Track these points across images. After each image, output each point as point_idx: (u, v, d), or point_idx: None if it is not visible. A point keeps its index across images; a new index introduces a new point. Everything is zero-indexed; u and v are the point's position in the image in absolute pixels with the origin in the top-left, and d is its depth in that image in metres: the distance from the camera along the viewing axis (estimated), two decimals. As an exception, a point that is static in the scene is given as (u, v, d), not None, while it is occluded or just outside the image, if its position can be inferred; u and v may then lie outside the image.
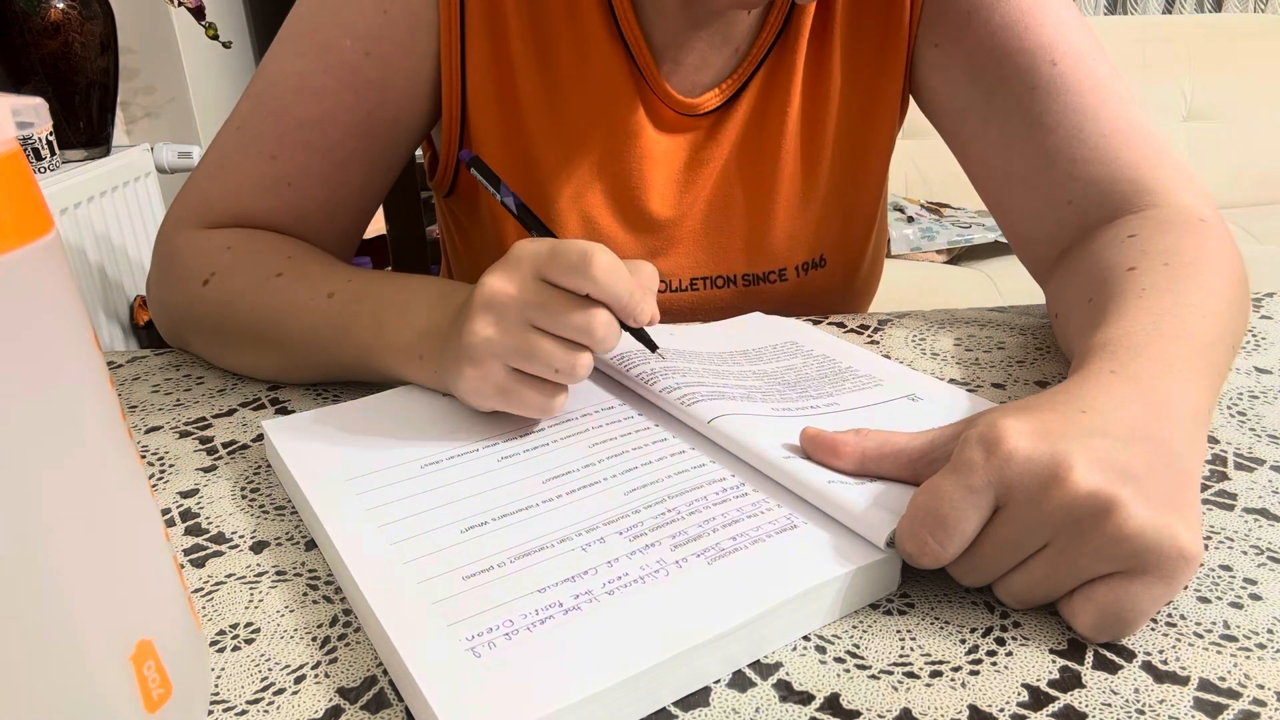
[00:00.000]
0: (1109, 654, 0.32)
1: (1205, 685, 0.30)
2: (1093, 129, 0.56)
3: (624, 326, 0.43)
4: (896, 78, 0.64)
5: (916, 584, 0.36)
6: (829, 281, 0.69)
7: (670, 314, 0.67)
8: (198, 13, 1.65)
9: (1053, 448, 0.31)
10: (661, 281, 0.66)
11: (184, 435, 0.49)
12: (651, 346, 0.47)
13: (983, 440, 0.32)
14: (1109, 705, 0.30)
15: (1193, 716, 0.29)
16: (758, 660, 0.32)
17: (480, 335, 0.42)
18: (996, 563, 0.33)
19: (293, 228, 0.60)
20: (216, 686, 0.32)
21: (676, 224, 0.66)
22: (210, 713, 0.31)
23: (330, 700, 0.31)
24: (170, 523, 0.41)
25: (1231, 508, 0.40)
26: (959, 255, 2.02)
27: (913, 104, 0.68)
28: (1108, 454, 0.31)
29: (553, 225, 0.64)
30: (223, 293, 0.54)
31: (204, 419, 0.51)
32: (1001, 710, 0.30)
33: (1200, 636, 0.32)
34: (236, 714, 0.31)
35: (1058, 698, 0.30)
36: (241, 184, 0.59)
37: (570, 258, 0.41)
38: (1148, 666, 0.31)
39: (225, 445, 0.48)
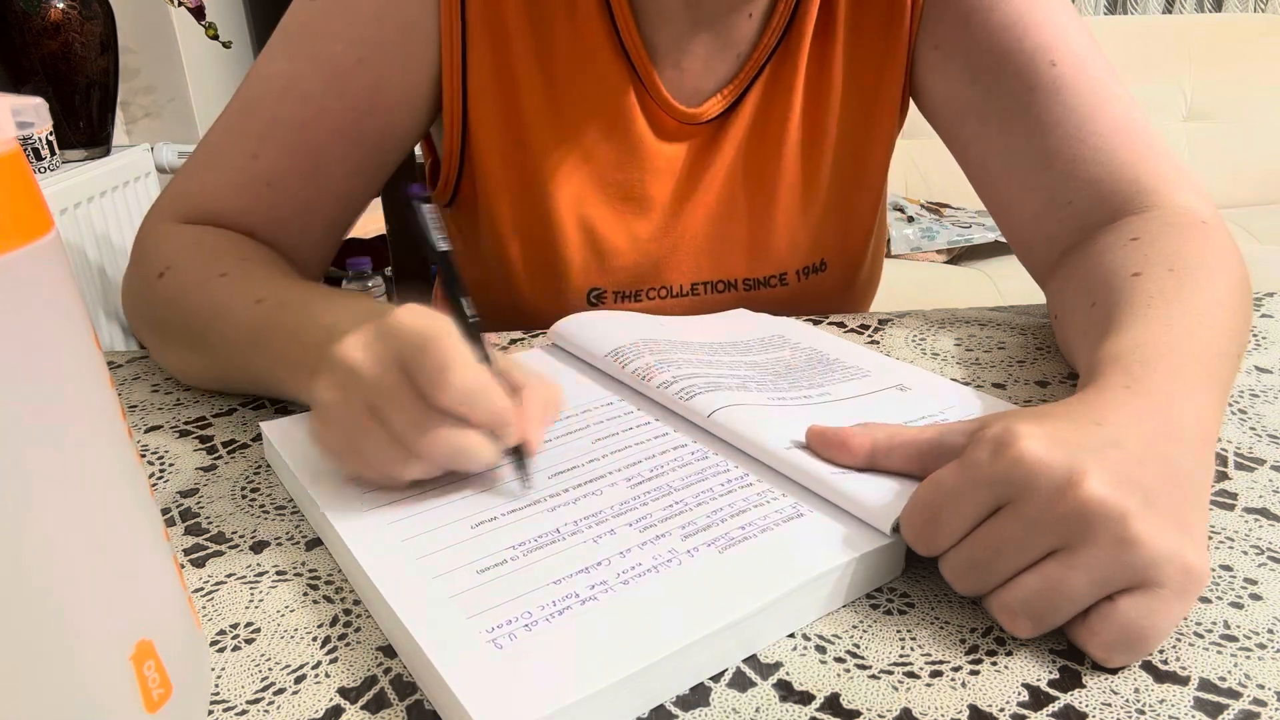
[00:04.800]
0: (1109, 654, 0.32)
1: (1205, 685, 0.30)
2: (1092, 129, 0.55)
3: (511, 457, 0.39)
4: (897, 80, 0.64)
5: (916, 584, 0.36)
6: (829, 285, 0.69)
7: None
8: (198, 13, 1.65)
9: (1068, 455, 0.31)
10: (662, 287, 0.66)
11: (184, 435, 0.49)
12: (523, 478, 0.39)
13: (995, 440, 0.32)
14: (1109, 705, 0.30)
15: (1193, 716, 0.29)
16: (758, 660, 0.32)
17: (321, 398, 0.38)
18: (997, 561, 0.32)
19: (266, 229, 0.59)
20: (217, 686, 0.32)
21: (678, 230, 0.65)
22: (210, 713, 0.31)
23: (331, 700, 0.31)
24: (170, 522, 0.41)
25: (1231, 508, 0.40)
26: (959, 255, 2.02)
27: (911, 104, 0.68)
28: (1122, 466, 0.31)
29: (552, 231, 0.63)
30: (172, 288, 0.53)
31: (204, 419, 0.51)
32: (1001, 710, 0.30)
33: (1200, 636, 0.32)
34: (236, 714, 0.31)
35: (1058, 698, 0.30)
36: (220, 180, 0.58)
37: (430, 361, 0.36)
38: (1148, 666, 0.31)
39: (225, 445, 0.48)
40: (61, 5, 1.49)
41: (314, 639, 0.34)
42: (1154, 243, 0.49)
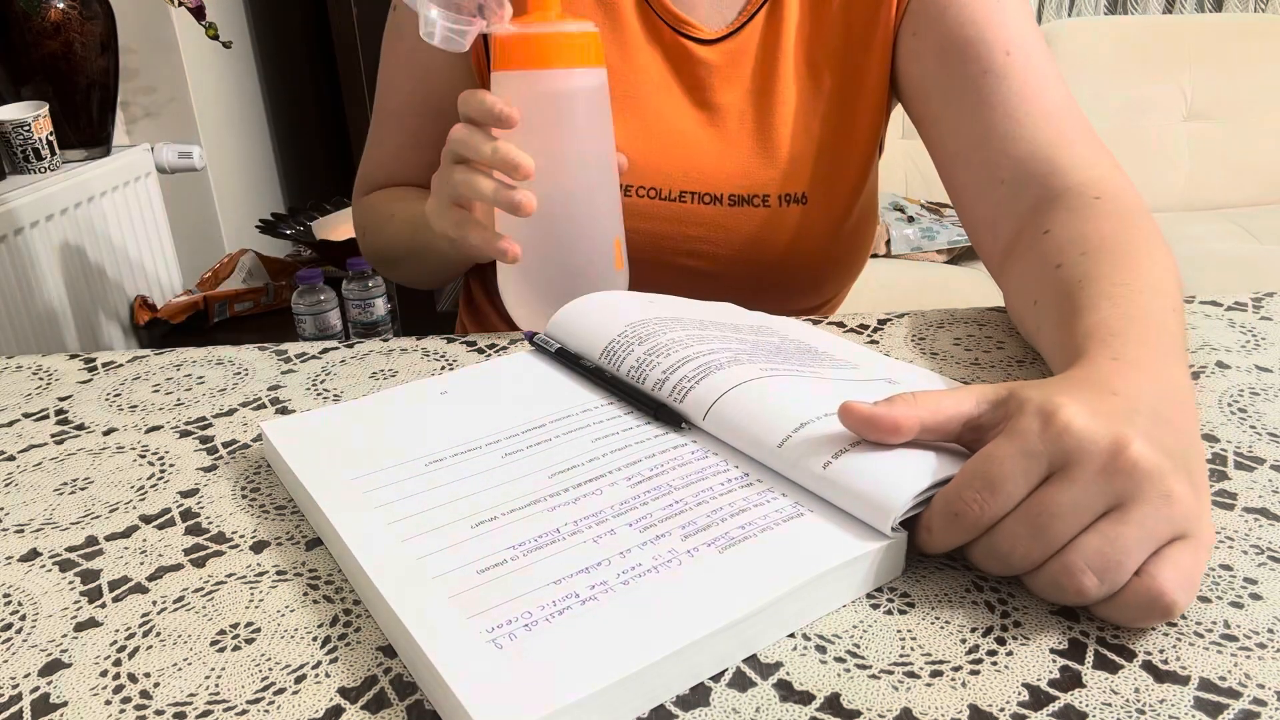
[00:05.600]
0: (1109, 654, 0.32)
1: (1205, 685, 0.30)
2: (1026, 109, 0.62)
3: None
4: (884, 59, 0.70)
5: (917, 584, 0.36)
6: (810, 222, 0.72)
7: (660, 220, 0.71)
8: (198, 13, 1.65)
9: (1109, 423, 0.33)
10: (652, 189, 0.71)
11: (184, 435, 0.49)
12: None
13: (1040, 411, 0.34)
14: (1109, 705, 0.30)
15: (1193, 716, 0.29)
16: (758, 660, 0.32)
17: (434, 177, 0.61)
18: (1054, 525, 0.32)
19: (415, 181, 0.80)
20: (217, 686, 0.32)
21: (668, 135, 0.71)
22: (209, 713, 0.31)
23: (331, 700, 0.31)
24: (170, 523, 0.42)
25: (1231, 507, 0.40)
26: (959, 255, 2.02)
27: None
28: (1149, 431, 0.33)
29: None
30: (372, 241, 0.81)
31: (204, 419, 0.51)
32: (1001, 710, 0.30)
33: (1200, 636, 0.32)
34: (237, 714, 0.31)
35: (1058, 697, 0.30)
36: (375, 161, 0.82)
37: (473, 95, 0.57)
38: (1148, 666, 0.31)
39: (225, 445, 0.48)
40: (61, 5, 1.50)
41: (314, 639, 0.34)
42: (1063, 231, 0.54)
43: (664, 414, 0.45)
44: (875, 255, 2.00)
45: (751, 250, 0.71)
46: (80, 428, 0.51)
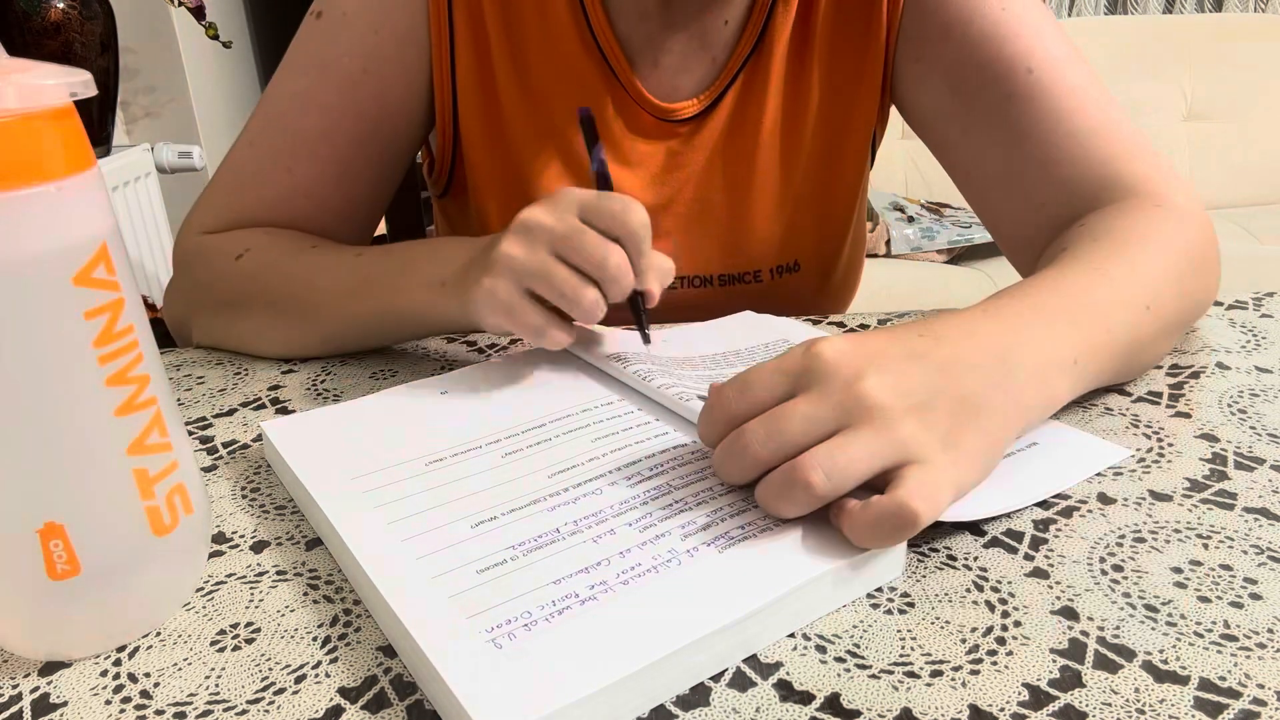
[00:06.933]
0: (1109, 654, 0.32)
1: (1205, 685, 0.30)
2: (1065, 130, 0.57)
3: (632, 307, 0.50)
4: (873, 91, 0.66)
5: (917, 584, 0.36)
6: (803, 285, 0.71)
7: (651, 314, 0.67)
8: (198, 13, 1.65)
9: (860, 358, 0.37)
10: None
11: (184, 435, 0.49)
12: (645, 336, 0.51)
13: (806, 344, 0.38)
14: (1109, 705, 0.30)
15: (1193, 716, 0.29)
16: (758, 660, 0.32)
17: (505, 252, 0.46)
18: (790, 427, 0.36)
19: (324, 225, 0.64)
20: (217, 686, 0.32)
21: (654, 224, 0.66)
22: (209, 713, 0.31)
23: (331, 700, 0.31)
24: (170, 522, 0.41)
25: (1231, 507, 0.40)
26: (959, 255, 2.02)
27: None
28: (908, 374, 0.37)
29: None
30: (255, 264, 0.58)
31: (204, 419, 0.51)
32: (1001, 710, 0.30)
33: (1200, 636, 0.32)
34: (237, 714, 0.31)
35: (1058, 697, 0.30)
36: (261, 197, 0.62)
37: (614, 203, 0.46)
38: (1148, 666, 0.31)
39: (225, 445, 0.48)
40: (61, 5, 1.50)
41: (314, 639, 0.34)
42: (1097, 223, 0.52)
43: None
44: (875, 255, 2.00)
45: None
46: (80, 428, 0.51)
